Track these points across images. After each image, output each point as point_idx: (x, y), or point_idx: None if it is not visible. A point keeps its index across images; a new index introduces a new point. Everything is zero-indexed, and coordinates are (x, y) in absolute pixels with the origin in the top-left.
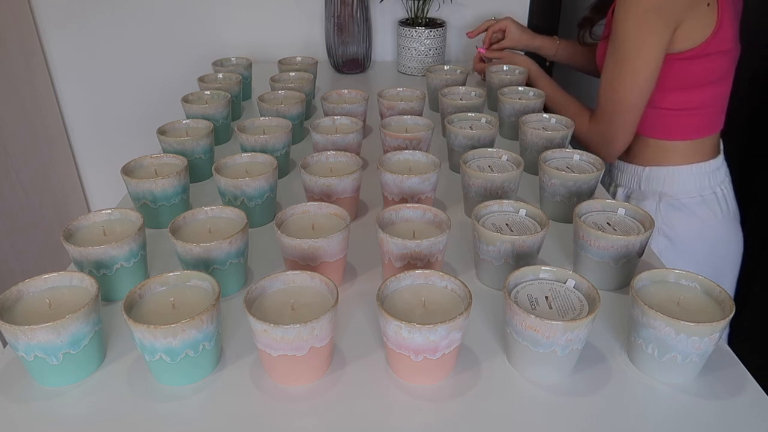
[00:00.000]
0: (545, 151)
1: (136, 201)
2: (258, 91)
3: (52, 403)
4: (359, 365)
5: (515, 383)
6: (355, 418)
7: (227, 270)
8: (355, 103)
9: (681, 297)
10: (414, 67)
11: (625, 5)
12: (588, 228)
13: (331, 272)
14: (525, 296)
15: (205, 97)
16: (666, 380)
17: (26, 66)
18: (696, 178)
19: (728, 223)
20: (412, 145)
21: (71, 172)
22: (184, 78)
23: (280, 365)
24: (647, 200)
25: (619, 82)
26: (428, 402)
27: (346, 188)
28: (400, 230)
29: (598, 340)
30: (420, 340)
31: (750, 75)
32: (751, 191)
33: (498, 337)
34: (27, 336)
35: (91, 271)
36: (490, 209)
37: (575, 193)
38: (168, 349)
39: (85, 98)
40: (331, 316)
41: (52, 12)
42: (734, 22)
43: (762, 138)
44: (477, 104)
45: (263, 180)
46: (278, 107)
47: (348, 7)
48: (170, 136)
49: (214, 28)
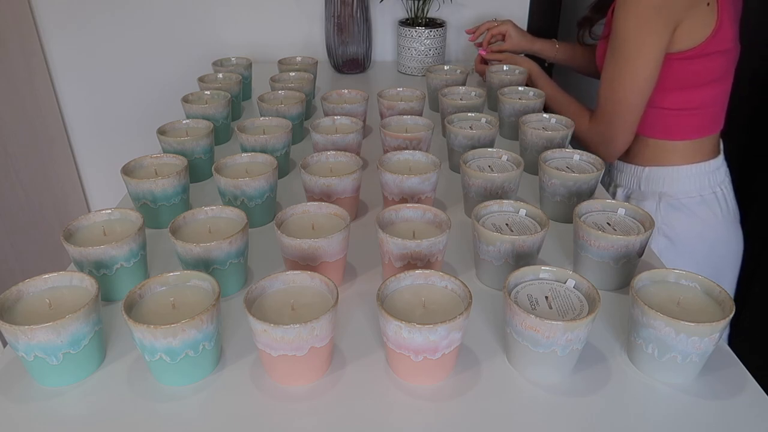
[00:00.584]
0: (545, 151)
1: (136, 201)
2: (258, 91)
3: (52, 403)
4: (359, 365)
5: (515, 383)
6: (355, 418)
7: (227, 270)
8: (355, 103)
9: (681, 297)
10: (414, 67)
11: (624, 5)
12: (588, 228)
13: (331, 272)
14: (525, 296)
15: (205, 97)
16: (666, 380)
17: (26, 66)
18: (696, 178)
19: (728, 223)
20: (412, 145)
21: (71, 172)
22: (184, 78)
23: (280, 365)
24: (647, 200)
25: (618, 81)
26: (428, 402)
27: (346, 188)
28: (400, 230)
29: (598, 340)
30: (420, 340)
31: (750, 75)
32: (751, 191)
33: (498, 337)
34: (27, 336)
35: (91, 271)
36: (490, 209)
37: (575, 193)
38: (168, 349)
39: (85, 98)
40: (331, 316)
41: (52, 12)
42: (734, 21)
43: (762, 138)
44: (477, 104)
45: (263, 180)
46: (278, 107)
47: (348, 7)
48: (170, 136)
49: (214, 28)
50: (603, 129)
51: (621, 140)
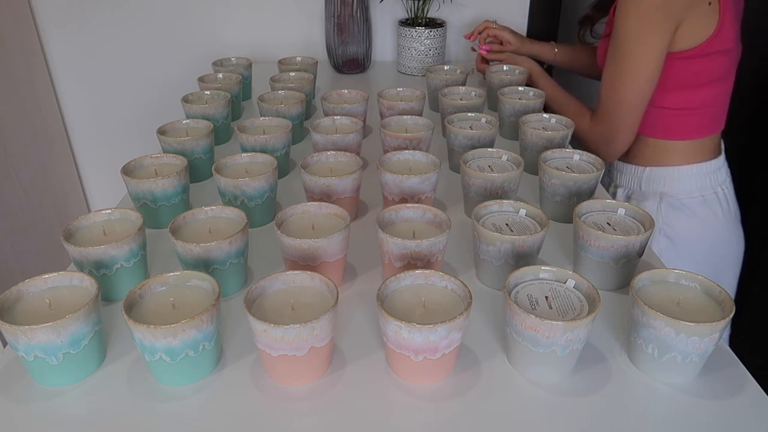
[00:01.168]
0: (545, 151)
1: (136, 201)
2: (258, 91)
3: (52, 403)
4: (359, 365)
5: (515, 383)
6: (355, 418)
7: (227, 270)
8: (355, 103)
9: (681, 297)
10: (414, 67)
11: (626, 4)
12: (588, 228)
13: (331, 272)
14: (525, 296)
15: (205, 97)
16: (666, 380)
17: (26, 66)
18: (697, 178)
19: (729, 223)
20: (412, 145)
21: (71, 172)
22: (184, 78)
23: (280, 365)
24: (648, 201)
25: (620, 81)
26: (428, 402)
27: (346, 188)
28: (400, 230)
29: (598, 340)
30: (420, 340)
31: (750, 75)
32: (751, 191)
33: (498, 337)
34: (27, 336)
35: (91, 271)
36: (490, 209)
37: (575, 193)
38: (168, 349)
39: (85, 98)
40: (331, 316)
41: (52, 12)
42: (735, 21)
43: (762, 138)
44: (477, 104)
45: (263, 180)
46: (278, 107)
47: (348, 7)
48: (170, 136)
49: (214, 28)
50: (604, 129)
51: (622, 140)
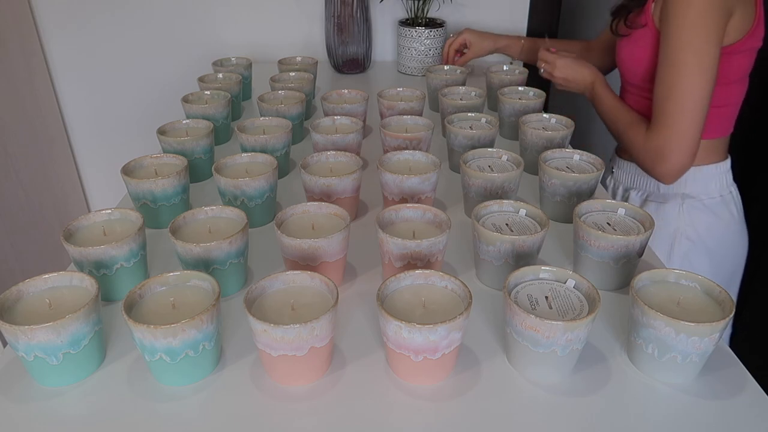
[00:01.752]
0: (545, 151)
1: (136, 201)
2: (258, 91)
3: (52, 403)
4: (359, 365)
5: (515, 383)
6: (355, 418)
7: (227, 270)
8: (355, 103)
9: (681, 297)
10: (414, 67)
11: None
12: (588, 228)
13: (331, 272)
14: (525, 296)
15: (205, 97)
16: (666, 380)
17: (26, 66)
18: (716, 178)
19: (742, 224)
20: (412, 145)
21: (71, 172)
22: (184, 78)
23: (280, 365)
24: (669, 202)
25: (678, 88)
26: (428, 402)
27: (346, 188)
28: (400, 230)
29: (598, 340)
30: (420, 340)
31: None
32: (752, 193)
33: (498, 337)
34: (27, 336)
35: (91, 271)
36: (490, 209)
37: (575, 193)
38: (168, 349)
39: (85, 98)
40: (331, 316)
41: (52, 12)
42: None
43: (762, 138)
44: (477, 104)
45: (263, 180)
46: (278, 107)
47: (348, 7)
48: (170, 136)
49: (214, 28)
50: (662, 141)
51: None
